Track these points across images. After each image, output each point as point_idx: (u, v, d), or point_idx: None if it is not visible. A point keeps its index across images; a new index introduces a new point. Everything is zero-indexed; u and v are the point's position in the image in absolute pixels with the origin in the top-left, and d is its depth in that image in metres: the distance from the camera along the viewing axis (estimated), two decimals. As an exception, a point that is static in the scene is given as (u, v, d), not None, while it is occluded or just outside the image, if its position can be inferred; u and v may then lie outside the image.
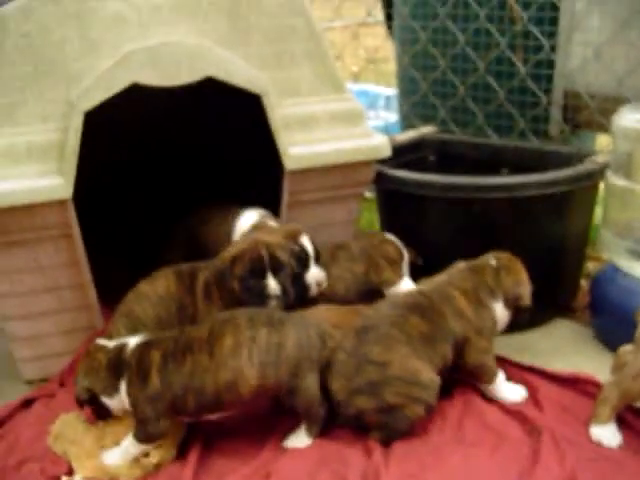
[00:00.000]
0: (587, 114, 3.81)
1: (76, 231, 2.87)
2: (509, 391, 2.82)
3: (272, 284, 2.76)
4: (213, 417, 2.65)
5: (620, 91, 3.65)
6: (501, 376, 2.81)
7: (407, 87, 4.61)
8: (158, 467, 2.52)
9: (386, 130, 5.02)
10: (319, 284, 2.95)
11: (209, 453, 2.60)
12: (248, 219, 3.14)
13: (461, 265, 2.86)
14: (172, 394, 2.46)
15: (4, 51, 2.78)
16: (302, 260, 2.87)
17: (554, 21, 3.88)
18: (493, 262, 2.81)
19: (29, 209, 2.74)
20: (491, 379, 2.78)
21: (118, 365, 2.50)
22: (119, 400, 2.50)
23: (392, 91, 5.38)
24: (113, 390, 2.50)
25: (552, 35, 3.86)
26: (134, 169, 3.96)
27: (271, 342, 2.50)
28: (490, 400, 2.80)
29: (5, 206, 2.70)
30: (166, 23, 2.89)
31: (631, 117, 3.09)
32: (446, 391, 2.73)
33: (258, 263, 2.76)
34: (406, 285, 3.12)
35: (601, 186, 3.43)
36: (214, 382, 2.46)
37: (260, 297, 2.76)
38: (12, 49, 2.78)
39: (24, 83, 2.79)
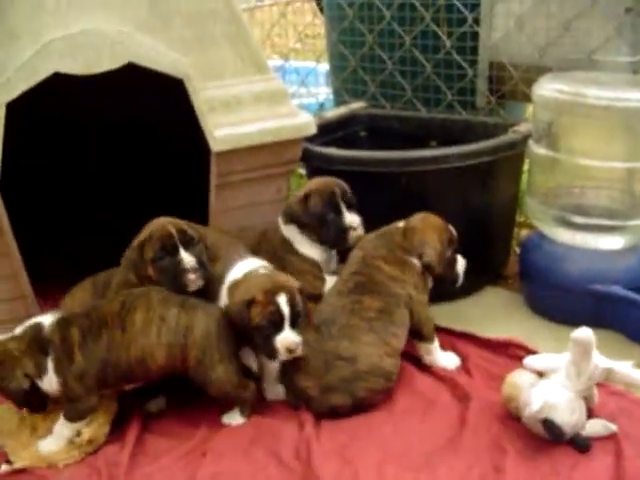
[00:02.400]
0: (512, 85, 3.87)
1: (5, 222, 2.86)
2: (444, 358, 2.90)
3: (186, 257, 2.71)
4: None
5: (542, 61, 3.71)
6: (436, 343, 2.89)
7: (337, 63, 4.63)
8: (92, 443, 2.56)
9: (320, 107, 5.05)
10: (290, 350, 2.53)
11: (146, 433, 2.65)
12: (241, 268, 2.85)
13: (369, 236, 2.93)
14: (95, 369, 2.51)
15: None
16: (275, 322, 2.52)
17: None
18: (401, 224, 2.88)
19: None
20: (431, 335, 2.86)
21: (40, 344, 2.51)
22: (49, 381, 2.51)
23: (324, 67, 5.38)
24: (41, 371, 2.50)
25: (475, 7, 3.90)
26: (67, 156, 3.94)
27: (180, 324, 2.55)
28: (421, 368, 2.88)
29: None
30: (86, 10, 2.87)
31: (550, 86, 3.15)
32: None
33: (168, 240, 2.72)
34: (330, 281, 3.05)
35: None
36: (127, 356, 2.53)
37: (177, 274, 2.70)
38: None
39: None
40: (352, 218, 3.00)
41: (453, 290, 2.99)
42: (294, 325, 2.52)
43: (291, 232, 3.07)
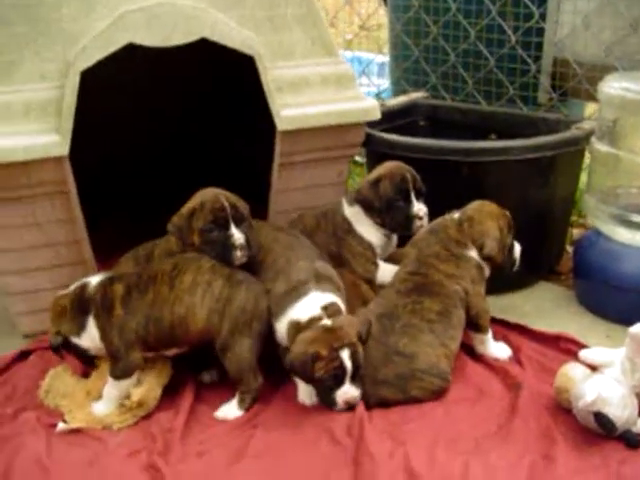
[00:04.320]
0: (575, 82, 3.86)
1: (72, 188, 2.92)
2: (496, 348, 2.92)
3: (236, 234, 2.72)
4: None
5: (607, 60, 3.70)
6: (490, 334, 2.91)
7: (399, 53, 4.64)
8: (142, 406, 2.61)
9: (378, 96, 5.06)
10: (348, 404, 2.53)
11: (199, 403, 2.70)
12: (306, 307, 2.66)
13: (421, 232, 2.94)
14: (136, 322, 2.58)
15: (1, 11, 2.82)
16: (337, 377, 2.49)
17: (544, -11, 3.93)
18: (455, 215, 2.88)
19: (26, 166, 2.79)
20: (487, 325, 2.88)
21: (82, 303, 2.60)
22: (89, 337, 2.60)
23: (384, 58, 5.40)
24: (80, 328, 2.59)
25: (542, 3, 3.90)
26: (134, 131, 4.00)
27: (222, 293, 2.61)
28: (474, 357, 2.90)
29: (3, 163, 2.75)
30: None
31: (616, 85, 3.16)
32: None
33: (220, 212, 2.73)
34: (386, 269, 3.08)
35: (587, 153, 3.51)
36: (170, 313, 2.59)
37: (224, 248, 2.72)
38: (9, 9, 2.82)
39: (21, 42, 2.84)
40: (419, 207, 3.02)
41: (510, 276, 2.97)
42: (354, 378, 2.51)
43: (354, 213, 3.08)
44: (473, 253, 2.82)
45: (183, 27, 2.87)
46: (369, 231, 3.09)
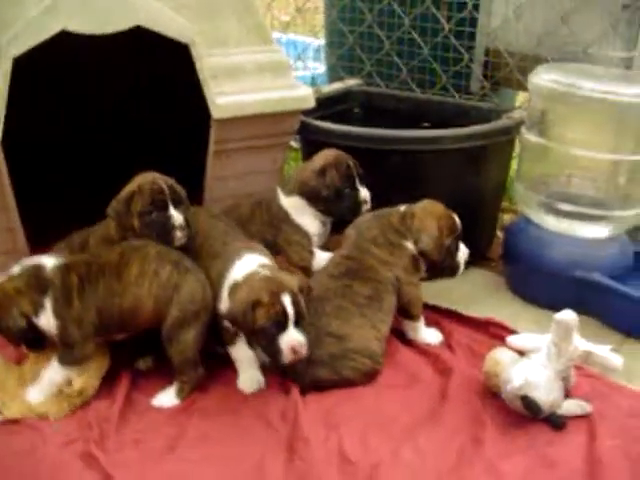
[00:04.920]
0: (507, 72, 3.93)
1: (4, 175, 2.89)
2: (428, 334, 2.99)
3: (175, 215, 2.75)
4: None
5: (538, 50, 3.78)
6: (422, 320, 2.97)
7: (335, 39, 4.66)
8: (81, 395, 2.60)
9: (313, 81, 5.09)
10: (294, 351, 2.48)
11: (135, 391, 2.70)
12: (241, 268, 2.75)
13: (366, 215, 3.00)
14: (91, 315, 2.58)
15: None
16: (280, 322, 2.47)
17: (477, -21, 3.98)
18: (402, 208, 2.93)
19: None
20: (418, 314, 2.95)
21: (40, 283, 2.57)
22: (46, 318, 2.56)
23: (321, 42, 5.41)
24: (39, 308, 2.56)
25: (475, -7, 3.97)
26: (68, 117, 3.97)
27: (170, 280, 2.62)
28: (405, 342, 2.96)
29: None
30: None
31: (545, 76, 3.22)
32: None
33: (158, 194, 2.76)
34: (321, 257, 3.12)
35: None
36: (119, 305, 2.60)
37: (164, 230, 2.76)
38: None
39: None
40: (365, 192, 3.09)
41: (450, 276, 3.02)
42: (297, 325, 2.49)
43: (292, 203, 3.12)
44: (409, 244, 2.87)
45: (118, 14, 2.85)
46: (308, 220, 3.14)
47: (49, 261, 2.63)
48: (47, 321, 2.57)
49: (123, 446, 2.42)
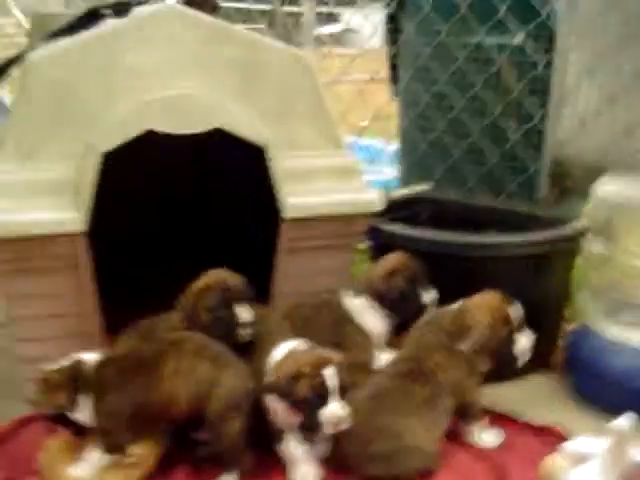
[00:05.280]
0: (573, 181, 4.01)
1: (86, 263, 3.06)
2: (486, 436, 2.98)
3: (243, 311, 2.90)
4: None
5: (605, 161, 3.86)
6: (481, 423, 2.97)
7: (407, 146, 4.82)
8: (138, 467, 2.69)
9: (386, 184, 5.22)
10: (336, 424, 2.52)
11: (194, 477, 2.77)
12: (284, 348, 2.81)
13: (420, 321, 3.04)
14: (126, 410, 2.65)
15: (32, 94, 3.01)
16: (321, 394, 2.51)
17: (545, 92, 4.10)
18: (455, 306, 2.96)
19: (43, 239, 2.94)
20: (478, 417, 2.95)
21: (77, 381, 2.66)
22: (82, 413, 2.66)
23: (395, 147, 5.58)
24: (74, 405, 2.65)
25: (543, 105, 4.07)
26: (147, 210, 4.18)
27: (208, 377, 2.66)
28: (462, 444, 2.96)
29: (22, 235, 2.91)
30: (183, 76, 3.11)
31: (608, 187, 3.29)
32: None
33: (227, 292, 2.90)
34: (381, 358, 3.18)
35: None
36: (154, 400, 2.65)
37: (231, 326, 2.90)
38: (39, 93, 3.01)
39: (47, 124, 3.02)
40: (429, 295, 3.18)
41: (511, 371, 3.04)
42: (338, 398, 2.52)
43: (359, 303, 3.22)
44: (463, 345, 2.88)
45: (200, 116, 3.05)
46: (373, 320, 3.23)
47: (90, 358, 2.74)
48: (83, 415, 2.67)
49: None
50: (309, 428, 2.59)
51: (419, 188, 4.31)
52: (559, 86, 4.05)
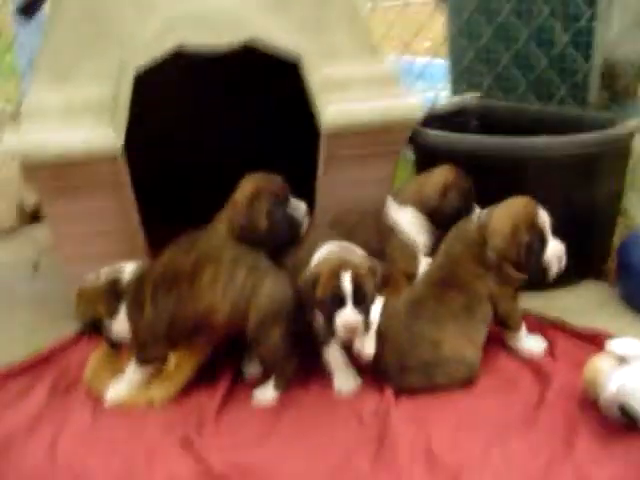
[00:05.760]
0: (624, 84, 3.86)
1: (126, 180, 3.09)
2: (529, 342, 2.94)
3: (300, 204, 2.98)
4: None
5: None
6: (523, 330, 2.93)
7: (455, 56, 4.70)
8: (180, 371, 2.79)
9: (435, 100, 5.12)
10: (349, 329, 2.54)
11: (237, 385, 2.82)
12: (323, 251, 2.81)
13: (451, 233, 2.94)
14: (164, 322, 2.68)
15: (64, 14, 3.02)
16: (336, 298, 2.53)
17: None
18: (480, 215, 2.86)
19: (83, 159, 2.97)
20: (517, 325, 2.89)
21: (116, 290, 2.72)
22: (120, 323, 2.72)
23: (441, 62, 5.44)
24: (115, 312, 2.71)
25: (591, 4, 3.91)
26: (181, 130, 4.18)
27: (247, 284, 2.66)
28: (506, 350, 2.95)
29: (62, 155, 2.94)
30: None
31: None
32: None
33: (281, 191, 2.95)
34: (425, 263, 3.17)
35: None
36: (193, 311, 2.67)
37: (294, 221, 2.96)
38: (71, 12, 3.02)
39: (81, 43, 3.03)
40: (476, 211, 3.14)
41: (544, 280, 2.88)
42: (358, 304, 2.53)
43: (406, 214, 3.22)
44: (490, 253, 2.77)
45: (231, 28, 3.00)
46: (419, 232, 3.23)
47: (129, 268, 2.78)
48: (121, 324, 2.72)
49: (220, 433, 2.54)
50: (326, 332, 2.61)
51: (467, 97, 4.21)
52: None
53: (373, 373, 2.77)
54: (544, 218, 2.79)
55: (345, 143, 3.22)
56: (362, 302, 2.54)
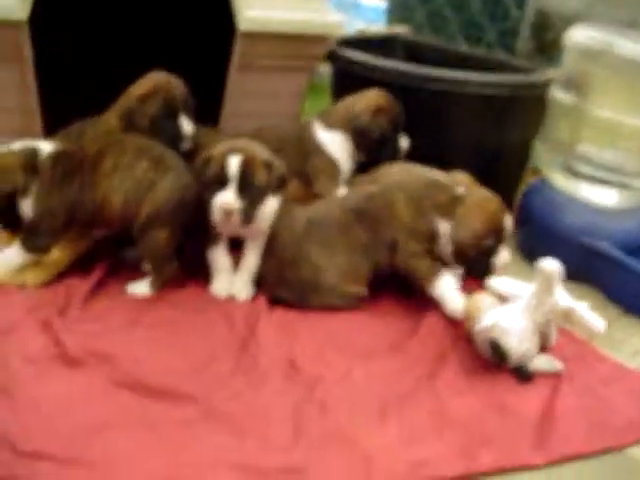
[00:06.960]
0: (554, 34, 3.84)
1: (28, 55, 2.95)
2: (451, 297, 2.70)
3: (186, 123, 2.81)
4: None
5: (590, 14, 3.68)
6: (449, 282, 2.72)
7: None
8: (57, 264, 2.68)
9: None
10: (225, 212, 2.48)
11: (112, 277, 2.75)
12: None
13: (422, 174, 2.87)
14: (65, 209, 2.58)
15: None
16: (220, 179, 2.49)
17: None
18: (459, 191, 2.71)
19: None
20: (425, 283, 2.71)
21: (33, 163, 2.58)
22: (28, 204, 2.59)
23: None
24: (27, 188, 2.57)
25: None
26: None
27: (146, 177, 2.58)
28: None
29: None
30: None
31: (581, 34, 3.14)
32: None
33: (173, 101, 2.81)
34: (343, 192, 3.10)
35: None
36: (92, 201, 2.58)
37: (173, 137, 2.82)
38: None
39: None
40: (406, 141, 3.14)
41: (478, 277, 2.74)
42: (242, 191, 2.48)
43: (332, 136, 3.13)
44: (444, 224, 2.67)
45: None
46: (343, 155, 3.15)
47: (46, 147, 2.64)
48: (28, 205, 2.59)
49: (84, 319, 2.48)
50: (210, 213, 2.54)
51: (397, 29, 4.14)
52: None
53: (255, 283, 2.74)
54: (508, 224, 2.73)
55: (260, 50, 3.14)
56: (247, 190, 2.48)
